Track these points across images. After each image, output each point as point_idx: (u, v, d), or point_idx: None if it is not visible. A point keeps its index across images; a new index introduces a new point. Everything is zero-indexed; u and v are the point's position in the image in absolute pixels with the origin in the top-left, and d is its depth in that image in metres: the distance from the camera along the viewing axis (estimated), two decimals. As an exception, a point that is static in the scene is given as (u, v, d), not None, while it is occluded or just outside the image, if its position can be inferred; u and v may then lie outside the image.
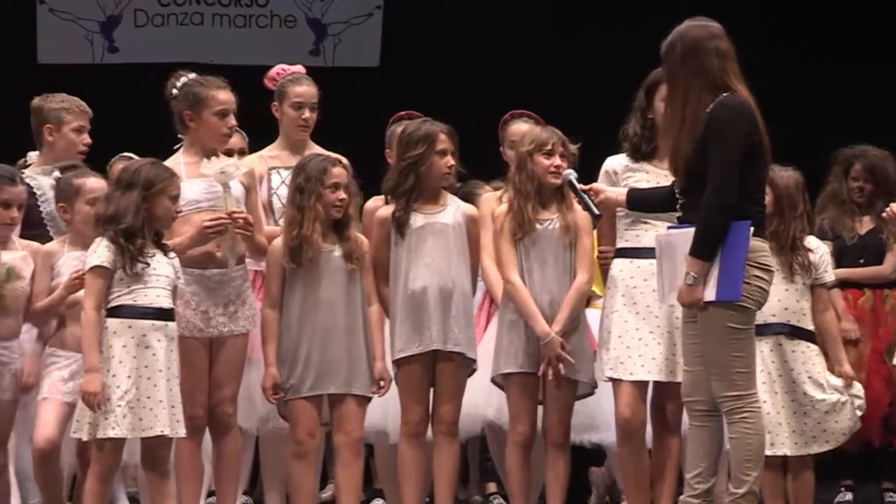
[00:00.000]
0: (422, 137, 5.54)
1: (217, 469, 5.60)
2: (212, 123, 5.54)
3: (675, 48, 4.94)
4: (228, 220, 5.39)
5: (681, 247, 4.88)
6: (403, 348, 5.49)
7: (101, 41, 8.91)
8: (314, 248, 5.41)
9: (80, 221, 5.48)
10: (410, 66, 8.58)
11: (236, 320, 5.51)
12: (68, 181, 5.53)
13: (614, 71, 5.31)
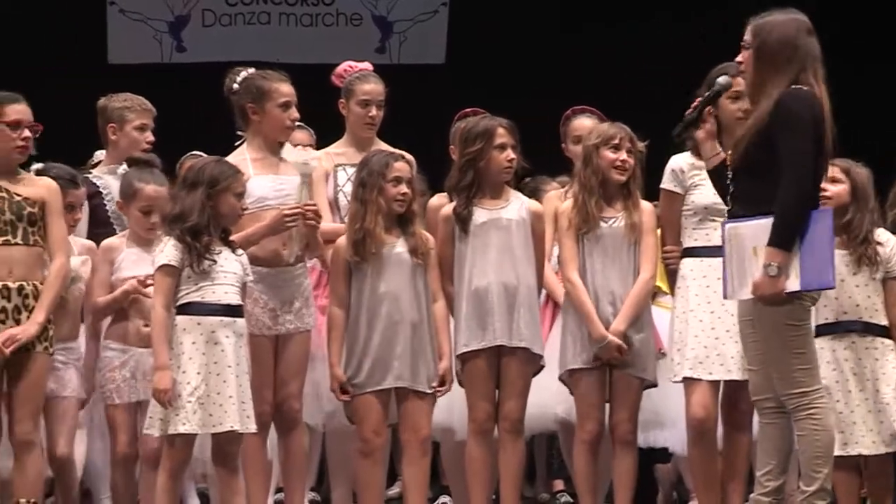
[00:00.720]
0: (480, 133, 5.54)
1: (284, 465, 5.63)
2: (275, 115, 5.56)
3: (762, 38, 4.84)
4: (302, 211, 5.41)
5: (750, 239, 4.81)
6: (467, 343, 5.49)
7: (170, 41, 9.00)
8: (377, 242, 5.43)
9: (132, 223, 5.56)
10: (476, 62, 8.58)
11: (302, 317, 5.54)
12: (130, 181, 5.59)
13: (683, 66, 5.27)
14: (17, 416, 5.14)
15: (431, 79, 8.66)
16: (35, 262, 5.18)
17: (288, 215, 5.41)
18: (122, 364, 5.47)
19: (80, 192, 5.54)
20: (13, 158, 5.21)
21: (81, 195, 5.55)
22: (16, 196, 5.19)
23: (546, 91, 7.89)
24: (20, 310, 5.12)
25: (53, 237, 5.20)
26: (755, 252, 4.77)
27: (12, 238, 5.14)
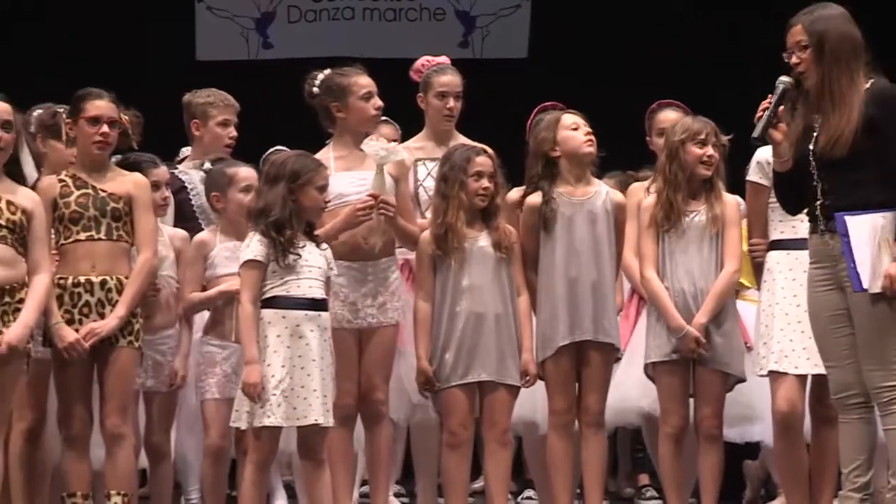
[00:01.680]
0: (548, 121, 5.54)
1: (369, 459, 5.66)
2: (359, 108, 5.59)
3: (820, 37, 4.78)
4: (374, 202, 5.42)
5: (878, 230, 4.68)
6: (556, 337, 5.48)
7: (256, 37, 9.08)
8: (459, 237, 5.44)
9: (233, 210, 5.59)
10: (558, 56, 8.56)
11: (385, 311, 5.56)
12: (221, 170, 5.65)
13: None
14: (106, 409, 5.22)
15: (514, 73, 8.65)
16: (119, 257, 5.24)
17: (360, 209, 5.44)
18: (223, 360, 5.53)
19: (161, 171, 5.57)
20: (93, 154, 5.27)
21: (163, 173, 5.58)
22: (101, 192, 5.25)
23: (629, 85, 7.85)
24: (103, 304, 5.18)
25: (140, 232, 5.26)
26: (884, 243, 4.69)
27: (96, 233, 5.21)
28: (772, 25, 5.23)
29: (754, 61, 6.96)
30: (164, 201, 5.57)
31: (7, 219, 5.02)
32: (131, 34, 8.59)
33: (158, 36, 8.67)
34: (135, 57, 8.42)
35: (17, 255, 5.03)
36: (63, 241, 5.22)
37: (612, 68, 8.39)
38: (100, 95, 5.29)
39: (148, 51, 8.52)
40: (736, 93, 7.19)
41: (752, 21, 8.36)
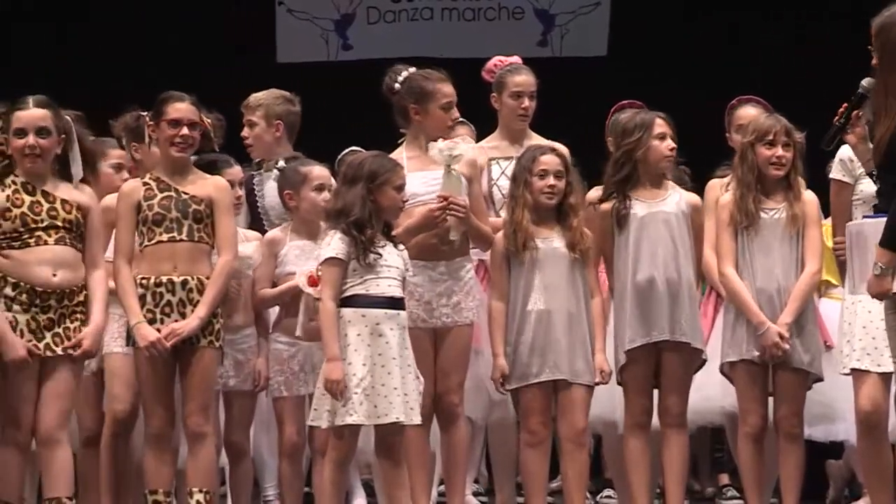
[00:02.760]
0: (638, 124, 5.51)
1: (445, 458, 5.66)
2: (438, 116, 5.60)
3: (881, 39, 4.70)
4: (446, 204, 5.43)
5: (873, 237, 4.68)
6: (633, 339, 5.46)
7: (336, 39, 9.13)
8: (527, 235, 5.45)
9: (305, 209, 5.64)
10: (637, 54, 8.51)
11: (460, 311, 5.56)
12: (295, 169, 5.68)
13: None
14: (188, 409, 5.27)
15: (593, 71, 8.62)
16: (199, 258, 5.29)
17: (434, 211, 5.45)
18: (291, 357, 5.57)
19: (235, 171, 5.62)
20: (173, 156, 5.33)
21: (237, 173, 5.64)
22: (183, 194, 5.30)
23: (708, 83, 7.79)
24: (185, 303, 5.24)
25: (220, 234, 5.31)
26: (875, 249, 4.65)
27: (178, 235, 5.26)
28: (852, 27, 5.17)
29: (835, 60, 6.89)
30: (237, 200, 5.63)
31: (64, 218, 5.11)
32: (212, 37, 8.69)
33: (239, 39, 8.76)
34: (216, 60, 8.51)
35: (76, 255, 5.12)
36: (146, 242, 5.29)
37: (691, 65, 8.33)
38: (181, 98, 5.35)
39: (229, 53, 8.60)
40: (823, 89, 7.12)
41: (832, 23, 8.28)
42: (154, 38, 8.67)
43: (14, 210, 5.06)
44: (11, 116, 5.11)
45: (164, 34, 8.67)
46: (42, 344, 5.04)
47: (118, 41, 8.67)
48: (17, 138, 5.09)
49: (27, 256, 5.06)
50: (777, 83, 7.58)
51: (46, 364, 5.07)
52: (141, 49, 8.61)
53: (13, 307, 5.03)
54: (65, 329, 5.08)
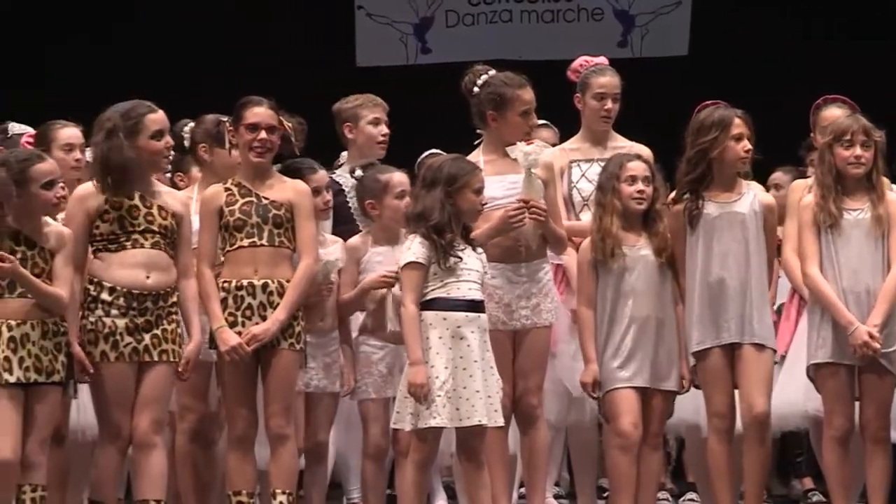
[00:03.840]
0: (715, 122, 5.45)
1: (526, 460, 5.65)
2: (516, 123, 5.58)
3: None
4: (526, 207, 5.42)
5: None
6: (702, 340, 5.41)
7: (415, 42, 9.16)
8: (616, 242, 5.43)
9: (388, 217, 5.64)
10: (720, 54, 8.44)
11: (539, 313, 5.56)
12: (374, 177, 5.69)
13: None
14: (269, 411, 5.30)
15: (674, 72, 8.55)
16: (280, 262, 5.31)
17: (512, 214, 5.43)
18: (380, 360, 5.58)
19: (320, 176, 5.63)
20: (251, 161, 5.36)
21: (323, 178, 5.64)
22: (263, 199, 5.34)
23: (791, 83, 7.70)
24: (265, 306, 5.27)
25: (301, 238, 5.34)
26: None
27: (258, 240, 5.30)
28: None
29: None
30: (325, 205, 5.64)
31: (160, 224, 5.18)
32: (293, 42, 8.75)
33: (319, 43, 8.81)
34: (296, 64, 8.56)
35: (169, 259, 5.20)
36: (228, 247, 5.33)
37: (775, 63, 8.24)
38: (259, 102, 5.39)
39: (308, 58, 8.65)
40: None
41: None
42: (235, 43, 8.75)
43: (112, 213, 5.13)
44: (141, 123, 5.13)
45: (245, 39, 8.75)
46: (141, 346, 5.10)
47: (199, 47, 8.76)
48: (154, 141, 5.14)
49: (121, 259, 5.13)
50: (862, 82, 7.48)
51: (144, 368, 5.13)
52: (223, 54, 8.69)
53: (111, 312, 5.10)
54: (162, 331, 5.14)
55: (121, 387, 5.11)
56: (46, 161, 5.10)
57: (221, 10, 8.85)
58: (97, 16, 8.85)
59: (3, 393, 4.94)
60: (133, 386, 5.12)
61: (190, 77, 8.41)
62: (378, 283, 5.53)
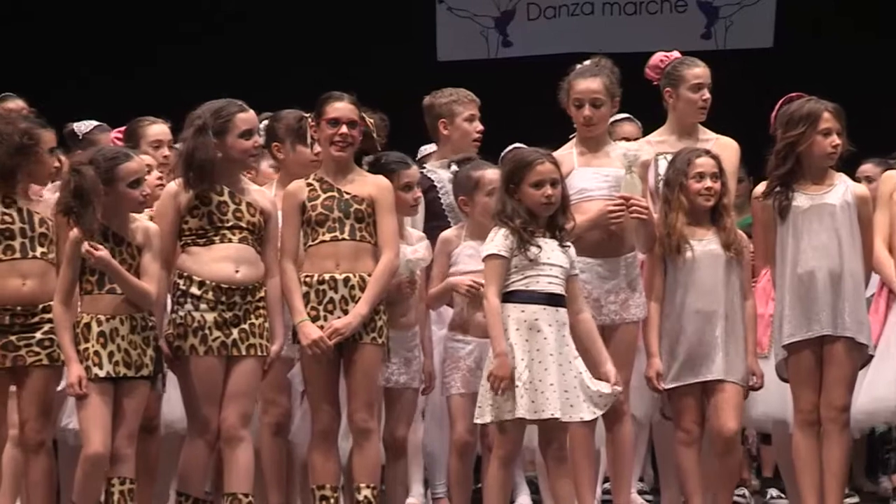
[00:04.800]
0: (804, 116, 5.39)
1: (611, 456, 5.64)
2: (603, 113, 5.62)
3: None
4: (626, 204, 5.41)
5: None
6: (792, 333, 5.35)
7: (496, 36, 9.14)
8: (681, 238, 5.42)
9: (479, 213, 5.64)
10: (806, 44, 8.33)
11: (627, 308, 5.55)
12: (467, 174, 5.69)
13: None
14: (353, 405, 5.32)
15: (759, 64, 8.46)
16: (361, 256, 5.32)
17: (612, 210, 5.42)
18: (466, 355, 5.58)
19: (412, 171, 5.62)
20: (332, 155, 5.38)
21: (414, 174, 5.64)
22: (345, 194, 5.36)
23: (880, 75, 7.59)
24: (347, 300, 5.28)
25: (382, 233, 5.35)
26: None
27: (340, 234, 5.32)
28: None
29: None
30: (415, 201, 5.63)
31: (248, 221, 5.22)
32: (374, 36, 8.77)
33: (401, 38, 8.83)
34: (377, 59, 8.59)
35: (256, 254, 5.24)
36: (310, 242, 5.36)
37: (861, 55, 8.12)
38: (340, 98, 5.41)
39: (389, 53, 8.67)
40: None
41: None
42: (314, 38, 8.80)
43: (201, 208, 5.19)
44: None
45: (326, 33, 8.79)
46: (230, 340, 5.14)
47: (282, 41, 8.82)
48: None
49: (211, 253, 5.18)
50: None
51: (232, 362, 5.18)
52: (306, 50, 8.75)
53: (200, 306, 5.15)
54: (250, 325, 5.19)
55: (209, 381, 5.16)
56: (134, 159, 5.17)
57: (304, 6, 8.90)
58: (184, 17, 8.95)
59: (93, 387, 5.02)
60: (221, 380, 5.17)
61: (272, 73, 8.46)
62: (462, 289, 5.51)
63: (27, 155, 5.14)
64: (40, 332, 5.11)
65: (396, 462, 5.66)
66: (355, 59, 8.48)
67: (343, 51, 8.66)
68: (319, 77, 6.05)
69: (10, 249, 5.12)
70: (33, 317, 5.12)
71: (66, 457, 5.63)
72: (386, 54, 8.66)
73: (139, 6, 8.92)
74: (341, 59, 8.49)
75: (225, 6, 9.04)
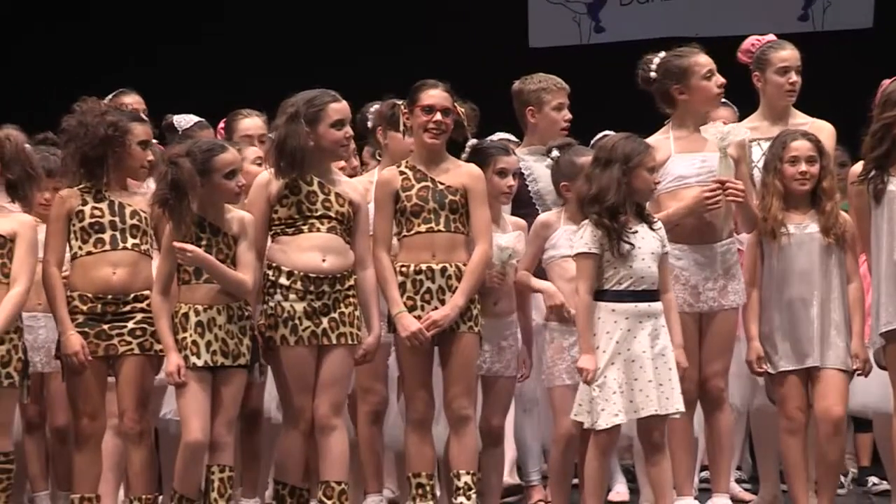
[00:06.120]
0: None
1: (710, 444, 5.59)
2: (702, 87, 5.56)
3: None
4: (721, 188, 5.35)
5: None
6: (890, 321, 5.24)
7: (588, 22, 9.10)
8: (777, 223, 5.36)
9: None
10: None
11: (726, 295, 5.50)
12: (570, 160, 5.65)
13: None
14: (450, 393, 5.33)
15: (859, 45, 8.30)
16: (457, 246, 5.33)
17: (708, 196, 5.37)
18: (571, 345, 5.53)
19: (511, 159, 5.61)
20: (426, 142, 5.38)
21: (513, 161, 5.63)
22: (439, 185, 5.36)
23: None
24: (444, 290, 5.29)
25: (475, 223, 5.34)
26: None
27: (435, 225, 5.33)
28: None
29: None
30: (508, 189, 5.61)
31: (337, 211, 5.24)
32: (465, 23, 8.77)
33: (492, 25, 8.81)
34: (468, 47, 8.58)
35: (345, 244, 5.25)
36: (405, 233, 5.37)
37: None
38: (434, 85, 5.41)
39: (482, 40, 8.66)
40: None
41: None
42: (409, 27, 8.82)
43: (291, 198, 5.22)
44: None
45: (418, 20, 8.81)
46: (320, 329, 5.17)
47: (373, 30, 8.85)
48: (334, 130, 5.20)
49: (298, 243, 5.21)
50: None
51: (323, 351, 5.21)
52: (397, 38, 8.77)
53: (289, 296, 5.18)
54: (340, 314, 5.21)
55: (301, 370, 5.19)
56: (229, 151, 5.22)
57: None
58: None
59: (191, 376, 5.08)
60: (313, 369, 5.20)
61: (364, 61, 8.50)
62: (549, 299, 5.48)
63: (112, 146, 5.19)
64: (132, 322, 5.17)
65: (493, 450, 5.64)
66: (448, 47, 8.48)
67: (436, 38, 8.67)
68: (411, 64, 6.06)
69: (100, 242, 5.18)
70: (125, 305, 5.18)
71: (167, 446, 5.71)
72: (478, 41, 8.64)
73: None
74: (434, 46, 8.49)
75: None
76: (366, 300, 5.27)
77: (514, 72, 6.56)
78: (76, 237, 5.20)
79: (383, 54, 8.54)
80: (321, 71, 8.13)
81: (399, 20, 8.89)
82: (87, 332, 5.14)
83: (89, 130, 5.16)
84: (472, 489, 5.30)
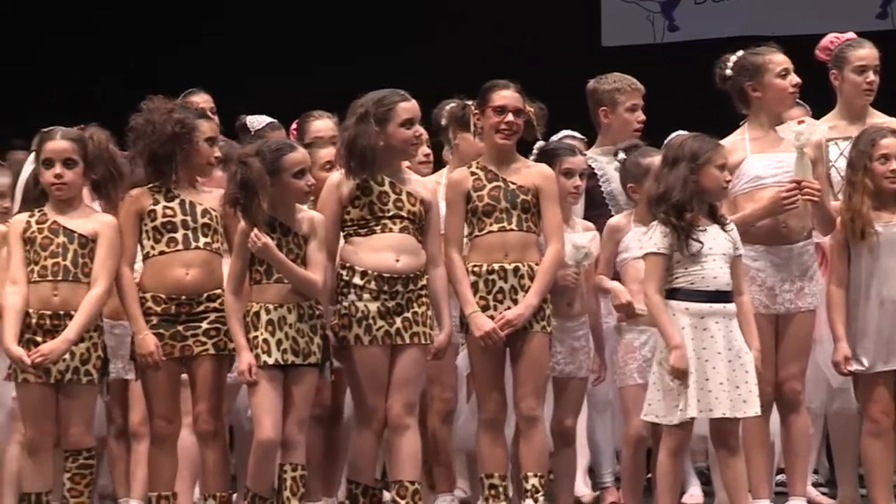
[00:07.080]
0: None
1: (787, 447, 5.53)
2: (776, 85, 5.51)
3: None
4: (798, 188, 5.29)
5: None
6: None
7: (662, 21, 9.04)
8: (866, 221, 5.28)
9: None
10: None
11: (803, 296, 5.44)
12: (636, 162, 5.62)
13: None
14: (520, 393, 5.31)
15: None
16: (529, 246, 5.32)
17: (785, 196, 5.30)
18: (642, 345, 5.50)
19: (578, 160, 5.60)
20: (497, 143, 5.37)
21: (580, 162, 5.61)
22: (510, 185, 5.35)
23: None
24: (516, 290, 5.28)
25: (547, 224, 5.33)
26: None
27: (507, 224, 5.31)
28: None
29: None
30: (575, 189, 5.59)
31: (408, 210, 5.24)
32: (537, 23, 8.74)
33: (565, 24, 8.78)
34: (541, 46, 8.56)
35: (417, 243, 5.25)
36: (477, 233, 5.36)
37: None
38: (506, 86, 5.39)
39: (554, 39, 8.63)
40: None
41: None
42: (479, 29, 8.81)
43: (363, 198, 5.22)
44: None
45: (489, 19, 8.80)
46: (393, 329, 5.17)
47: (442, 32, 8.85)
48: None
49: (371, 243, 5.21)
50: None
51: (396, 351, 5.21)
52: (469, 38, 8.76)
53: (363, 296, 5.19)
54: (413, 314, 5.21)
55: (374, 370, 5.19)
56: (298, 150, 5.23)
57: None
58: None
59: (262, 374, 5.09)
60: (386, 369, 5.20)
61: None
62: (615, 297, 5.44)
63: (180, 143, 5.20)
64: (206, 322, 5.19)
65: (565, 451, 5.62)
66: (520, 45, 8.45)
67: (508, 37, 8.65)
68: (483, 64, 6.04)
69: (173, 241, 5.20)
70: (198, 305, 5.20)
71: (241, 442, 5.73)
72: (551, 41, 8.62)
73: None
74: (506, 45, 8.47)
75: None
76: (437, 298, 5.27)
77: (588, 71, 6.52)
78: (148, 237, 5.22)
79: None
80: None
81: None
82: (163, 334, 5.16)
83: (157, 128, 5.18)
84: (540, 491, 5.28)
